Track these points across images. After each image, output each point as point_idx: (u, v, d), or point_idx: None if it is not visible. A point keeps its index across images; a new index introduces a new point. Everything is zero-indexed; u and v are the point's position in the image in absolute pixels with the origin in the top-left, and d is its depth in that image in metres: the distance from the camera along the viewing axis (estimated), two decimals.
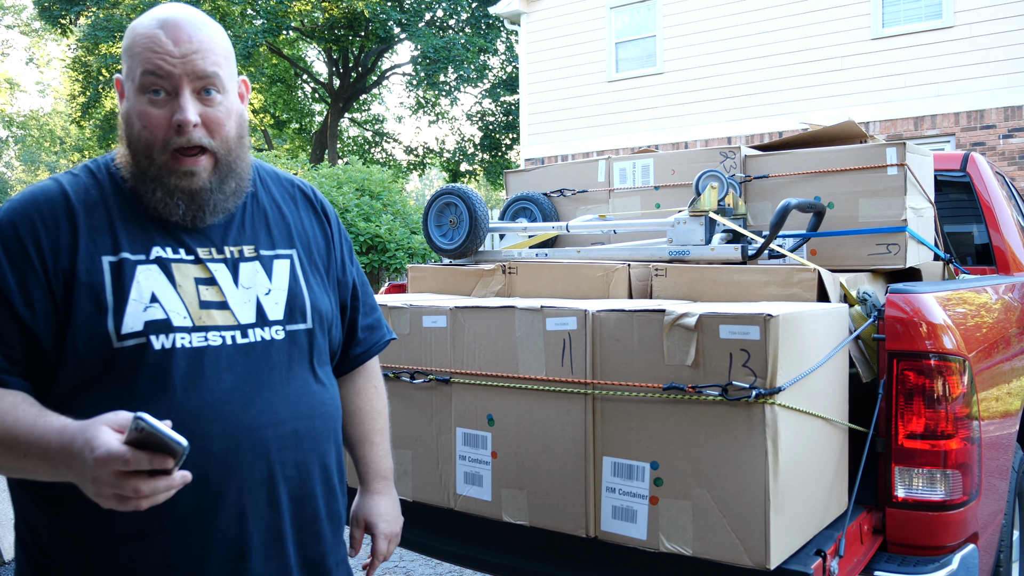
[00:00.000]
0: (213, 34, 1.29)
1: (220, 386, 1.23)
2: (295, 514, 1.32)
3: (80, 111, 20.61)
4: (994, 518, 2.15)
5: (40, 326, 1.18)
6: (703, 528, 1.64)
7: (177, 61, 1.23)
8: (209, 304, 1.26)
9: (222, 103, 1.28)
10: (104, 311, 1.19)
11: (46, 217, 1.22)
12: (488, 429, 1.98)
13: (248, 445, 1.24)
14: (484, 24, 21.17)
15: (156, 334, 1.20)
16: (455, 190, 2.91)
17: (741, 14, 11.48)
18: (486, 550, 2.11)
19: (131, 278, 1.21)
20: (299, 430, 1.31)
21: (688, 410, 1.66)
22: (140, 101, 1.24)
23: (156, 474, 1.01)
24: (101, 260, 1.22)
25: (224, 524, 1.22)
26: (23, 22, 27.52)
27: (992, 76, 9.75)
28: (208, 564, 1.22)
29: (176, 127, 1.23)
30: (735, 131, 11.47)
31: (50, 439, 1.08)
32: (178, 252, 1.27)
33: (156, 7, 1.30)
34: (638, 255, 2.50)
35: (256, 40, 18.75)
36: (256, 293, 1.31)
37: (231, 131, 1.29)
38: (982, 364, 2.03)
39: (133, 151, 1.26)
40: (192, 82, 1.24)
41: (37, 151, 33.03)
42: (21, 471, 1.14)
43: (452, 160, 23.11)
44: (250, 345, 1.28)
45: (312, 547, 1.35)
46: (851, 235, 2.41)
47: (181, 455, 1.00)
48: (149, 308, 1.21)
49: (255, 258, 1.34)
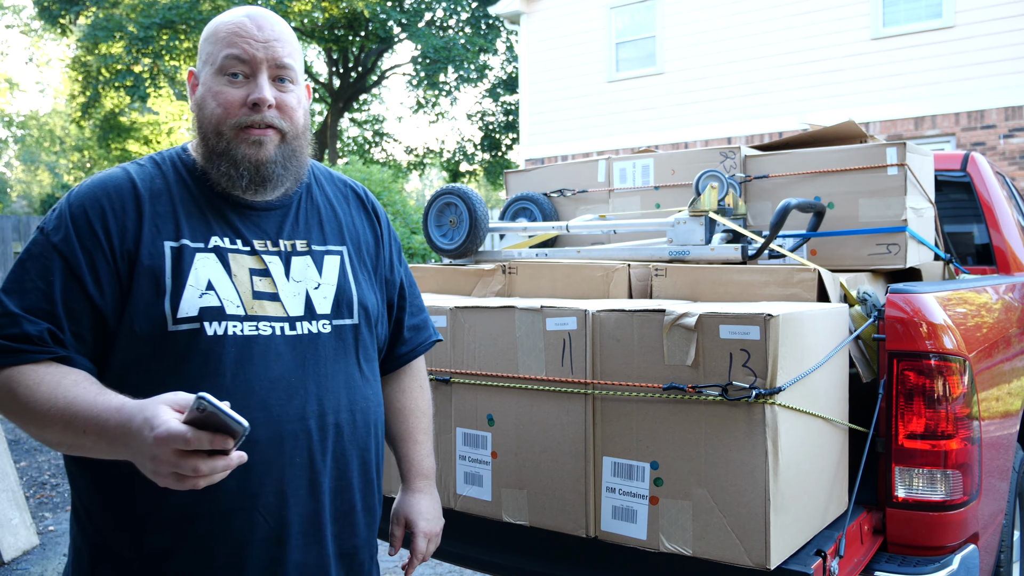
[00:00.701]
0: (290, 32, 1.38)
1: (267, 375, 1.26)
2: (333, 504, 1.35)
3: (80, 111, 20.61)
4: (994, 518, 2.15)
5: (107, 305, 1.23)
6: (703, 528, 1.64)
7: (260, 46, 1.30)
8: (261, 295, 1.31)
9: (294, 92, 1.35)
10: (162, 294, 1.24)
11: (114, 202, 1.28)
12: (488, 429, 1.98)
13: (290, 434, 1.28)
14: (484, 24, 21.17)
15: (209, 320, 1.24)
16: (455, 190, 2.91)
17: (741, 14, 11.48)
18: (486, 550, 2.11)
19: (189, 265, 1.26)
20: (340, 422, 1.35)
21: (688, 410, 1.66)
22: (218, 82, 1.31)
23: (214, 454, 1.03)
24: (163, 245, 1.27)
25: (264, 509, 1.26)
26: (23, 22, 27.52)
27: (992, 76, 9.75)
28: (248, 548, 1.25)
29: (252, 105, 1.29)
30: (735, 131, 11.47)
31: (108, 416, 1.10)
32: (235, 243, 1.32)
33: (238, 6, 1.38)
34: (638, 255, 2.50)
35: None
36: (306, 287, 1.36)
37: (299, 119, 1.36)
38: (982, 364, 2.03)
39: (204, 133, 1.32)
40: (270, 68, 1.32)
41: (37, 151, 33.02)
42: (81, 448, 1.16)
43: (452, 160, 23.12)
44: (297, 337, 1.32)
45: (347, 538, 1.38)
46: (851, 235, 2.41)
47: (241, 436, 1.02)
48: (204, 295, 1.26)
49: (307, 252, 1.39)
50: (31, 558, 3.98)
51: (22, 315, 1.19)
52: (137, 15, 18.50)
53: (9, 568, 3.85)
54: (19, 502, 4.10)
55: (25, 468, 5.64)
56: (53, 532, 4.37)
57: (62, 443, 1.18)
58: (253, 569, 1.26)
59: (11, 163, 34.99)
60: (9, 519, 3.99)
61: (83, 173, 27.10)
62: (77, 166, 29.26)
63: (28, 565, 3.89)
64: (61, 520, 4.57)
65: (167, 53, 19.10)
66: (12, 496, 4.06)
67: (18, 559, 3.96)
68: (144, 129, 23.25)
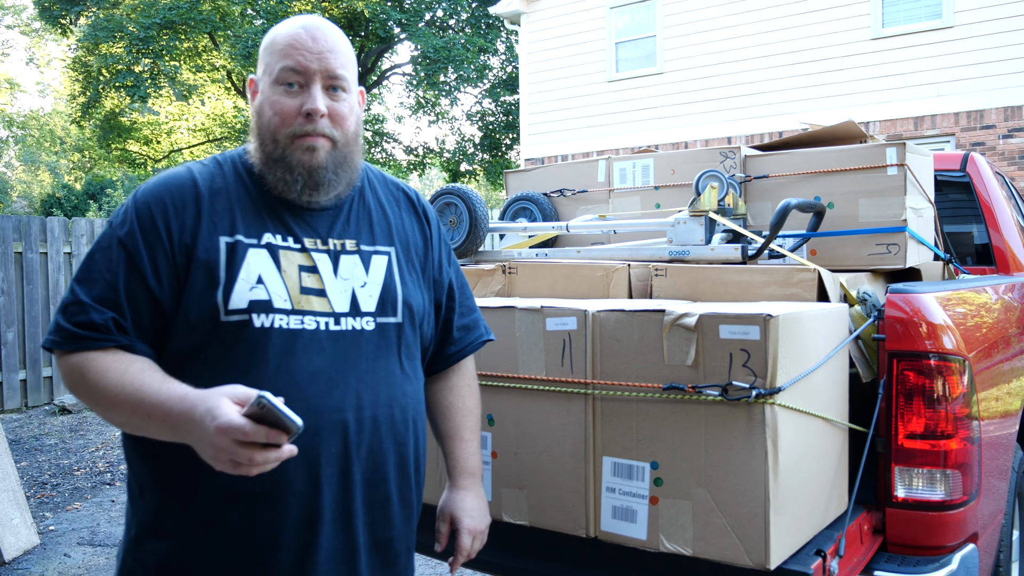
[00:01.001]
0: (343, 42, 1.44)
1: (309, 367, 1.33)
2: (366, 495, 1.40)
3: (80, 111, 20.59)
4: (994, 518, 2.15)
5: (165, 295, 1.32)
6: (703, 528, 1.64)
7: (314, 57, 1.37)
8: (309, 290, 1.37)
9: (345, 100, 1.42)
10: (216, 286, 1.31)
11: (176, 199, 1.36)
12: (488, 429, 1.98)
13: (327, 425, 1.34)
14: (484, 24, 21.16)
15: (258, 313, 1.32)
16: (455, 190, 2.91)
17: (741, 14, 11.48)
18: (486, 550, 2.11)
19: (242, 259, 1.34)
20: (378, 417, 1.40)
21: (688, 410, 1.66)
22: (275, 92, 1.39)
23: (268, 446, 1.13)
24: (219, 240, 1.35)
25: (299, 495, 1.32)
26: (23, 22, 27.52)
27: (992, 76, 9.75)
28: (282, 529, 1.32)
29: (305, 115, 1.37)
30: (735, 131, 11.47)
31: (172, 404, 1.20)
32: (287, 240, 1.39)
33: (296, 16, 1.45)
34: (638, 255, 2.50)
35: (256, 40, 18.74)
36: (352, 285, 1.42)
37: (350, 127, 1.43)
38: (982, 364, 2.03)
39: (262, 139, 1.40)
40: (324, 79, 1.38)
41: (37, 151, 33.01)
42: (145, 430, 1.26)
43: (452, 160, 23.10)
44: (341, 333, 1.38)
45: (381, 529, 1.43)
46: (851, 235, 2.41)
47: (294, 433, 1.12)
48: (254, 288, 1.33)
49: (356, 252, 1.45)
50: (31, 558, 3.98)
51: (90, 304, 1.28)
52: (137, 15, 18.50)
53: (9, 568, 3.85)
54: (19, 502, 4.10)
55: (25, 468, 5.64)
56: (53, 532, 4.37)
57: (127, 424, 1.28)
58: (286, 550, 1.33)
59: (11, 163, 34.99)
60: (10, 519, 3.99)
61: (83, 173, 27.08)
62: (77, 166, 29.25)
63: (28, 565, 3.90)
64: (61, 520, 4.58)
65: (167, 53, 19.10)
66: (12, 496, 4.06)
67: (18, 559, 3.96)
68: (144, 129, 23.24)
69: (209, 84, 22.52)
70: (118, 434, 6.66)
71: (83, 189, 18.41)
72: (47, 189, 25.28)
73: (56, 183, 23.66)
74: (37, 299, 7.73)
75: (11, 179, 33.68)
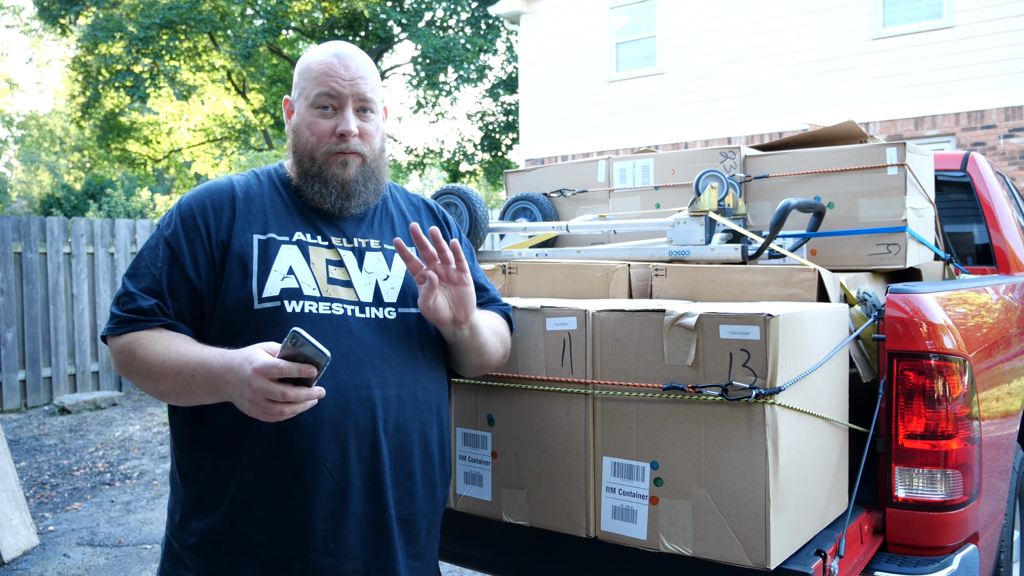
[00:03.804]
0: (371, 67, 1.60)
1: (337, 348, 1.44)
2: (394, 468, 1.52)
3: (80, 111, 20.59)
4: (994, 518, 2.15)
5: (203, 285, 1.48)
6: (703, 528, 1.64)
7: (347, 84, 1.54)
8: (335, 281, 1.53)
9: (374, 120, 1.59)
10: (249, 277, 1.47)
11: (215, 202, 1.54)
12: (488, 429, 1.98)
13: (356, 400, 1.46)
14: (484, 24, 21.16)
15: (289, 299, 1.46)
16: (455, 190, 2.91)
17: (741, 14, 11.48)
18: (486, 550, 2.11)
19: (275, 254, 1.50)
20: (403, 397, 1.53)
21: (688, 410, 1.66)
22: (312, 114, 1.55)
23: (300, 384, 1.26)
24: (252, 237, 1.51)
25: (331, 465, 1.44)
26: (23, 22, 27.49)
27: (992, 76, 9.75)
28: (316, 498, 1.44)
29: (339, 135, 1.53)
30: (735, 131, 11.47)
31: (214, 361, 1.35)
32: (316, 238, 1.56)
33: (326, 43, 1.62)
34: (638, 255, 2.50)
35: (256, 40, 18.75)
36: (376, 278, 1.58)
37: (377, 144, 1.60)
38: (982, 364, 2.03)
39: (299, 156, 1.58)
40: (355, 102, 1.56)
41: (37, 151, 33.01)
42: (187, 393, 1.40)
43: (452, 160, 23.10)
44: (366, 320, 1.52)
45: (406, 504, 1.54)
46: (851, 235, 2.41)
47: (324, 365, 1.25)
48: (286, 279, 1.48)
49: (379, 249, 1.62)
50: (31, 558, 3.98)
51: (138, 293, 1.46)
52: (137, 15, 18.50)
53: (9, 568, 3.85)
54: (19, 502, 4.10)
55: (25, 468, 5.64)
56: (53, 532, 4.37)
57: (173, 392, 1.42)
58: (319, 519, 1.44)
59: (11, 163, 34.98)
60: (9, 519, 3.99)
61: (83, 173, 27.08)
62: (77, 166, 29.25)
63: (28, 565, 3.89)
64: (61, 520, 4.57)
65: (167, 53, 19.10)
66: (12, 496, 4.06)
67: (18, 559, 3.96)
68: (144, 129, 23.22)
69: (209, 84, 22.50)
70: (118, 434, 6.66)
71: (83, 189, 18.43)
72: (47, 189, 25.29)
73: (56, 183, 23.66)
74: (36, 299, 7.73)
75: (11, 179, 33.67)
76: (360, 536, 1.48)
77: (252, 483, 1.44)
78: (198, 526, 1.48)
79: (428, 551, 1.63)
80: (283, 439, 1.43)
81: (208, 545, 1.47)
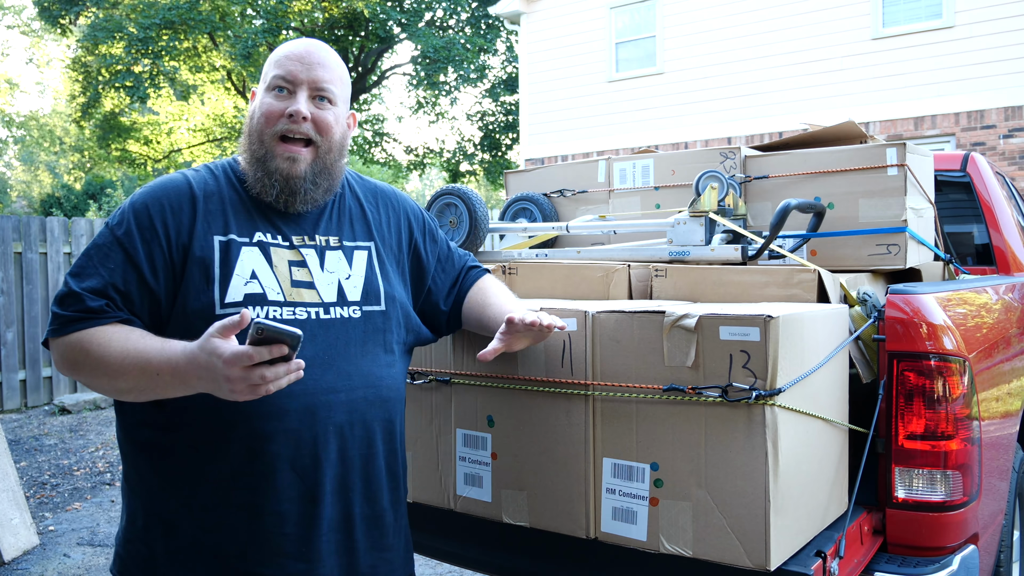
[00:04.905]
0: (336, 62, 1.56)
1: (303, 353, 1.38)
2: (363, 468, 1.51)
3: (80, 111, 20.58)
4: (994, 519, 2.15)
5: (161, 290, 1.41)
6: (703, 529, 1.64)
7: (303, 68, 1.50)
8: (299, 283, 1.49)
9: (331, 111, 1.53)
10: (211, 282, 1.41)
11: (173, 202, 1.46)
12: (488, 430, 1.98)
13: (324, 405, 1.45)
14: (484, 24, 21.15)
15: (252, 305, 1.42)
16: (455, 190, 2.91)
17: (741, 14, 11.47)
18: (486, 551, 2.11)
19: (236, 257, 1.44)
20: (368, 396, 1.52)
21: (688, 411, 1.66)
22: (266, 97, 1.50)
23: (276, 363, 1.22)
24: (213, 239, 1.45)
25: (301, 470, 1.43)
26: (23, 22, 27.50)
27: (992, 76, 9.75)
28: (287, 504, 1.42)
29: (288, 115, 1.47)
30: (735, 131, 11.47)
31: (178, 358, 1.28)
32: (276, 238, 1.51)
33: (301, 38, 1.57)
34: (638, 256, 2.50)
35: (256, 40, 18.73)
36: (338, 277, 1.55)
37: (335, 136, 1.54)
38: (982, 364, 2.03)
39: (249, 138, 1.52)
40: (310, 88, 1.50)
41: (37, 151, 33.00)
42: (153, 389, 1.33)
43: (452, 160, 23.09)
44: (330, 321, 1.50)
45: (375, 502, 1.55)
46: (851, 235, 2.41)
47: (296, 343, 1.21)
48: (249, 283, 1.43)
49: (339, 247, 1.58)
50: (31, 558, 3.98)
51: (84, 294, 1.37)
52: (137, 15, 18.48)
53: (9, 568, 3.85)
54: (19, 502, 4.10)
55: (25, 468, 5.64)
56: (53, 532, 4.37)
57: (133, 389, 1.35)
58: (290, 524, 1.43)
59: (11, 163, 34.97)
60: (9, 519, 3.99)
61: (83, 173, 27.06)
62: (77, 166, 29.23)
63: (28, 565, 3.89)
64: (61, 520, 4.57)
65: (167, 53, 19.08)
66: (12, 496, 4.06)
67: (18, 559, 3.96)
68: (144, 129, 23.23)
69: (209, 84, 22.50)
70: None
71: (83, 189, 18.40)
72: (47, 189, 25.26)
73: (56, 183, 23.65)
74: (37, 299, 7.73)
75: (11, 179, 33.65)
76: (330, 539, 1.47)
77: (220, 491, 1.41)
78: (165, 532, 1.44)
79: (398, 539, 1.63)
80: (251, 448, 1.40)
81: (179, 552, 1.43)
